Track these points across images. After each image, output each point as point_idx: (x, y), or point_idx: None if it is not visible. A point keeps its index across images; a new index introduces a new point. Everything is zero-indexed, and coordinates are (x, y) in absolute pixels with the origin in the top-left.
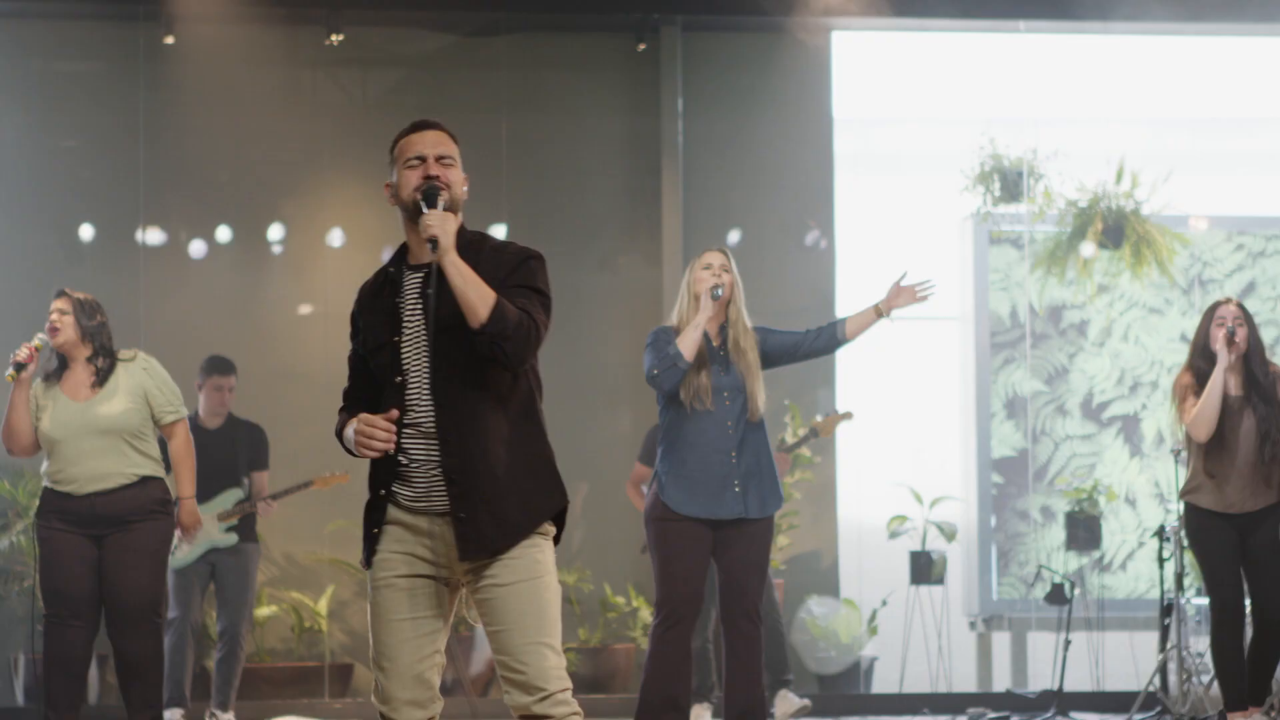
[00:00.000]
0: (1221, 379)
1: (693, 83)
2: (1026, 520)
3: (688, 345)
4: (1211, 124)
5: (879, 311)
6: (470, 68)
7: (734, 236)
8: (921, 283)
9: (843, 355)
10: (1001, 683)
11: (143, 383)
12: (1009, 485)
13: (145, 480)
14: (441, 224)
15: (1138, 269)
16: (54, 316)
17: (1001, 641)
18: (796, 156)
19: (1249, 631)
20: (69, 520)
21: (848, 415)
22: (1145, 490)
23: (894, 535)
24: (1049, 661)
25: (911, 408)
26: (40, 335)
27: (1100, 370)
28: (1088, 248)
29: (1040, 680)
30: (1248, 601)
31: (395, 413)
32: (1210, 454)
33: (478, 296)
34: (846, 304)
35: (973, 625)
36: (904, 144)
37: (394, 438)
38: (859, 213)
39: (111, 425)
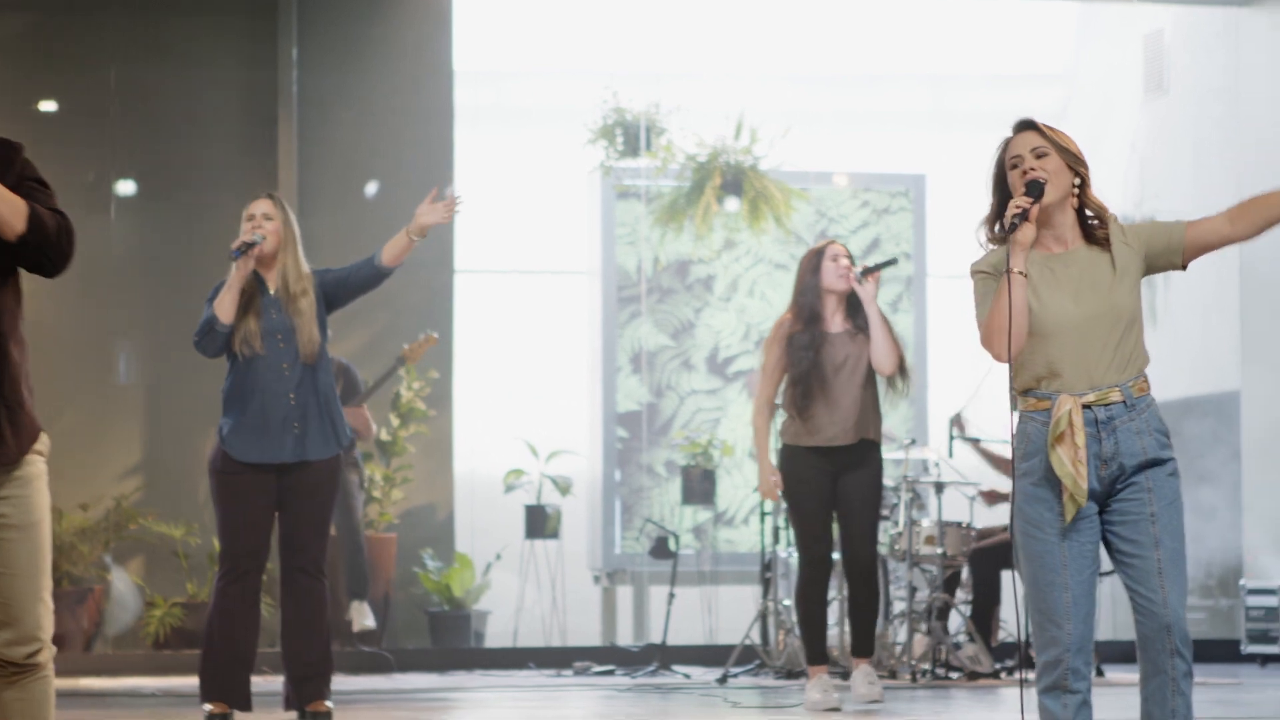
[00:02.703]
0: (878, 312)
1: (309, 32)
2: (650, 474)
3: (224, 309)
4: (835, 81)
5: (409, 235)
6: (82, 14)
7: (371, 189)
8: (448, 198)
9: (463, 308)
10: (625, 637)
11: None
12: (633, 439)
13: None
14: None
15: (755, 224)
16: None
17: (625, 595)
18: (416, 108)
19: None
20: None
21: (431, 339)
22: (770, 445)
23: (510, 489)
24: (678, 614)
25: (536, 361)
26: None
27: (726, 325)
28: (707, 202)
29: (670, 633)
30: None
31: None
32: (810, 391)
33: (9, 208)
34: (466, 259)
35: (596, 579)
36: (528, 97)
37: None
38: (482, 166)
39: None
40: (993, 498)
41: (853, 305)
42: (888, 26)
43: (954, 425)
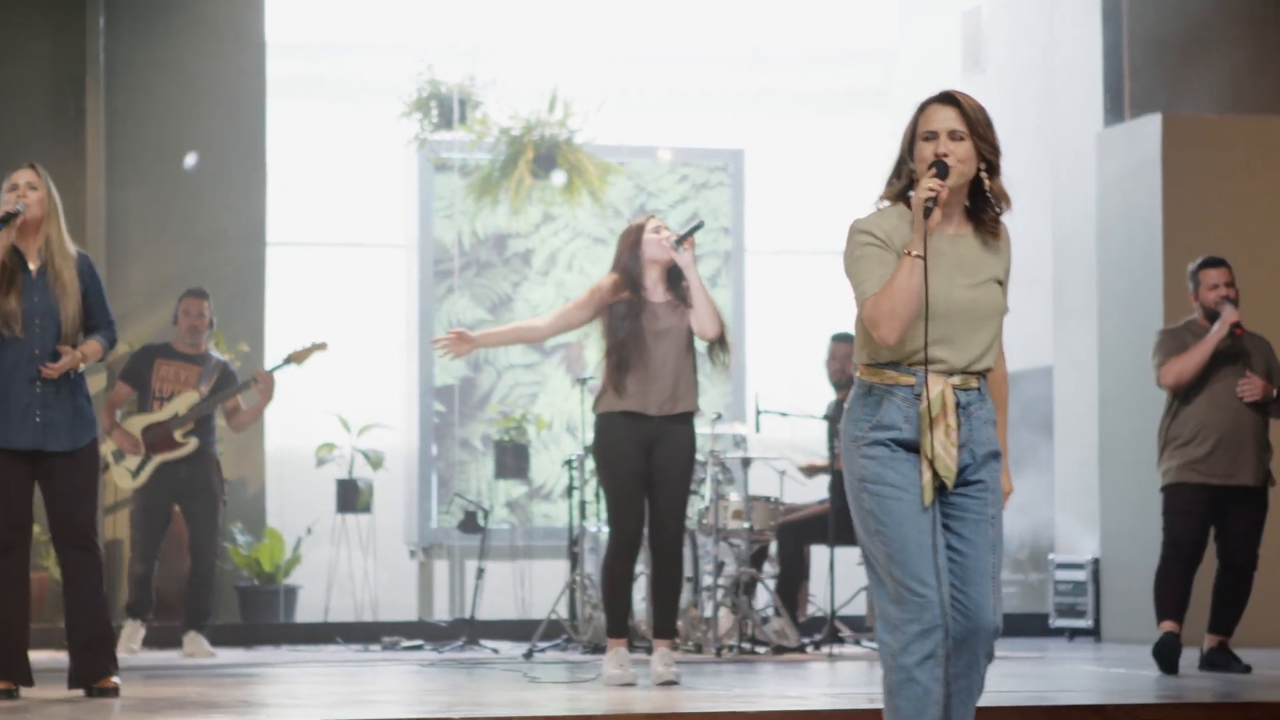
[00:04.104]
0: (698, 277)
1: (117, 1)
2: (467, 449)
3: None
4: (656, 57)
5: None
6: None
7: (190, 160)
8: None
9: (276, 281)
10: (441, 611)
11: None
12: (451, 414)
13: None
14: None
15: (571, 198)
16: None
17: (441, 570)
18: (228, 79)
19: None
20: None
21: (322, 346)
22: (589, 419)
23: (321, 463)
24: (492, 589)
25: (351, 335)
26: None
27: (544, 299)
28: (520, 176)
29: (484, 608)
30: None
31: None
32: (627, 359)
33: None
34: (280, 232)
35: (413, 554)
36: (343, 69)
37: None
38: (296, 138)
39: None
40: (812, 470)
41: (673, 278)
42: (710, 3)
43: None
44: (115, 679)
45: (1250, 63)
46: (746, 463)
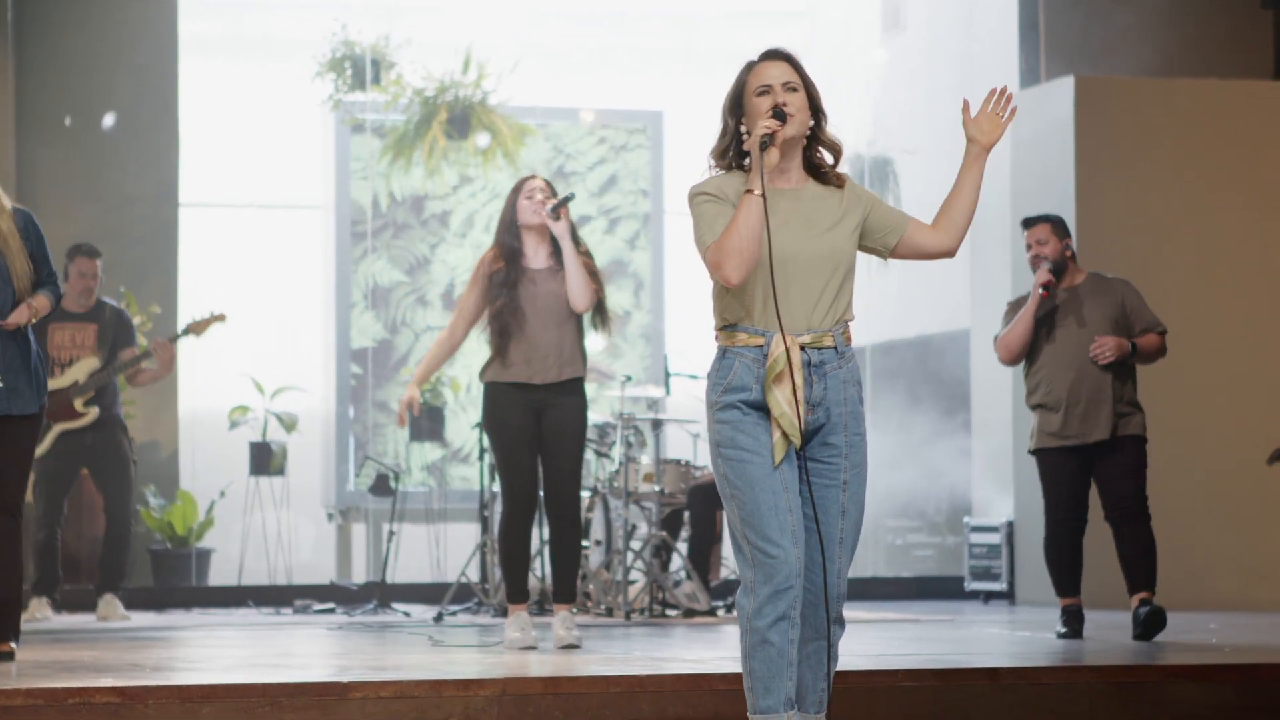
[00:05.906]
0: (572, 248)
1: None
2: (385, 411)
3: None
4: (574, 16)
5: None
6: None
7: (108, 120)
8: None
9: (189, 242)
10: (359, 574)
11: None
12: (367, 376)
13: None
14: None
15: (487, 159)
16: None
17: (359, 533)
18: (139, 38)
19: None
20: None
21: (221, 317)
22: (427, 372)
23: (235, 425)
24: (409, 552)
25: (267, 297)
26: None
27: (462, 261)
28: (434, 137)
29: (400, 571)
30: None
31: None
32: (507, 328)
33: None
34: (193, 193)
35: (330, 517)
36: (257, 27)
37: None
38: (209, 97)
39: None
40: None
41: (558, 242)
42: None
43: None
44: (13, 644)
45: (1168, 25)
46: (657, 425)
